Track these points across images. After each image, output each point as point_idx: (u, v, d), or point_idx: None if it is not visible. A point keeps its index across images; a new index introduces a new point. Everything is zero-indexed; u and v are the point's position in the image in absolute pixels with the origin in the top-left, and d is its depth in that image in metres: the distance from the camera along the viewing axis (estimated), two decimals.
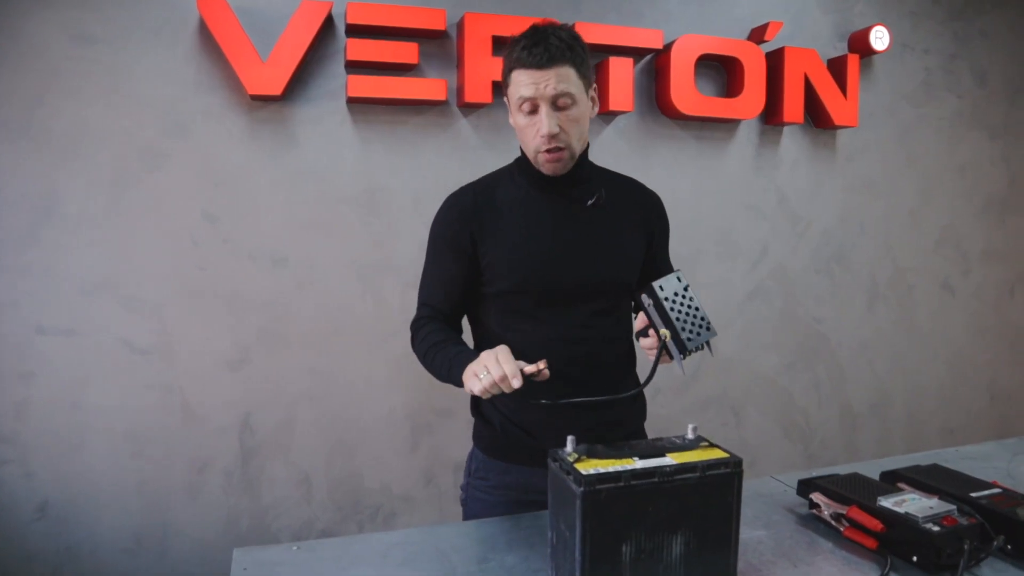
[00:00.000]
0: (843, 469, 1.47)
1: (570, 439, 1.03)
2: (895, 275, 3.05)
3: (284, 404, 2.23)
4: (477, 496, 1.42)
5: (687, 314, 1.23)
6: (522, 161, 1.41)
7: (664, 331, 1.21)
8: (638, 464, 0.99)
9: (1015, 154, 3.24)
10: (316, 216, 2.26)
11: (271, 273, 2.23)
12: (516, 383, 1.15)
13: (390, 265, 2.31)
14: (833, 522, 1.26)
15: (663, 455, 1.03)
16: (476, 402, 1.42)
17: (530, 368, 1.18)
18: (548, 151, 1.32)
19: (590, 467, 0.97)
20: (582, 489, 0.94)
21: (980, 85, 3.13)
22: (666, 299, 1.22)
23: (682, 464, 0.99)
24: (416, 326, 1.42)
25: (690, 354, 1.22)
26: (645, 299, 1.24)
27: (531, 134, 1.32)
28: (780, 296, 2.85)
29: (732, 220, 2.75)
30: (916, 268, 3.09)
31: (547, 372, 1.18)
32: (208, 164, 2.17)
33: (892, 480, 1.39)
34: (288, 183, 2.23)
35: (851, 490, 1.29)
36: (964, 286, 3.20)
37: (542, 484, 1.12)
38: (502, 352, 1.18)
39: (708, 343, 1.24)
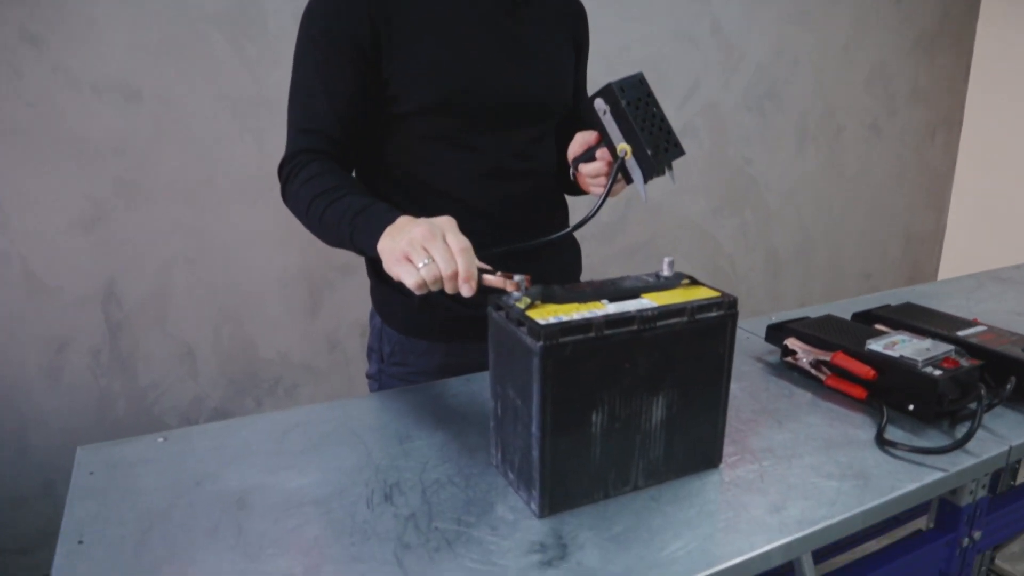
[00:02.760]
0: (801, 313, 1.31)
1: (519, 280, 0.78)
2: (825, 115, 2.88)
3: (154, 269, 1.87)
4: (393, 386, 1.16)
5: (652, 124, 0.97)
6: None
7: (624, 145, 0.96)
8: (610, 309, 0.75)
9: None
10: (173, 38, 1.82)
11: (122, 111, 1.80)
12: (468, 289, 0.80)
13: (271, 99, 1.91)
14: (813, 370, 1.09)
15: (637, 296, 0.79)
16: (376, 262, 0.95)
17: (494, 279, 0.81)
18: None
19: (548, 315, 0.73)
20: (541, 344, 0.69)
21: None
22: (628, 104, 0.95)
23: (666, 307, 0.76)
24: (290, 168, 1.02)
25: (655, 177, 0.97)
26: (600, 105, 0.97)
27: None
28: (709, 135, 2.64)
29: (661, 49, 2.47)
30: (846, 108, 2.93)
31: (522, 283, 0.79)
32: None
33: (866, 321, 1.23)
34: None
35: (829, 334, 1.12)
36: (890, 127, 3.08)
37: (483, 361, 0.88)
38: (451, 230, 0.82)
39: (670, 166, 1.00)
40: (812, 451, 0.90)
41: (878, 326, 1.19)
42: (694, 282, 0.84)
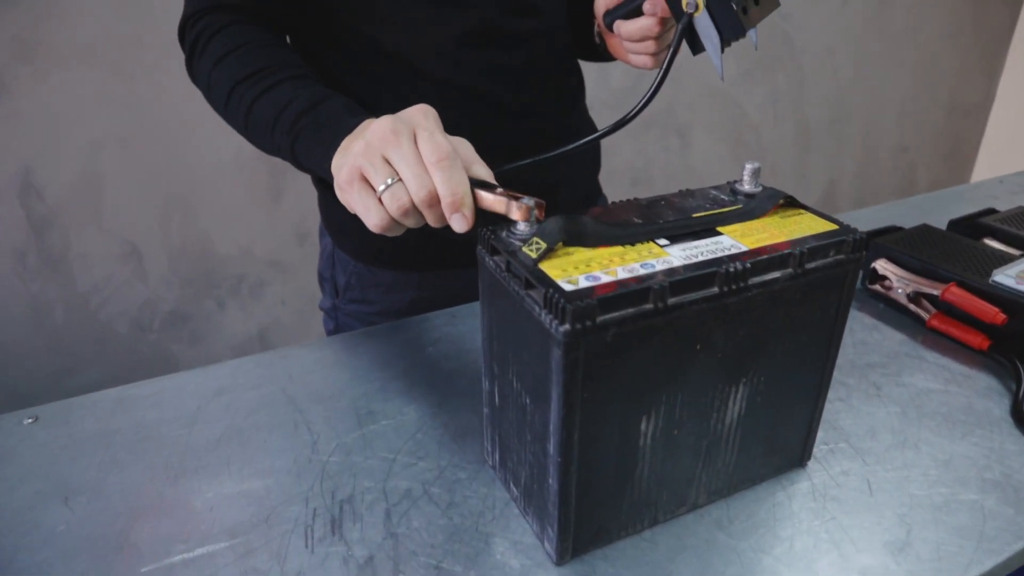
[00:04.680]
0: (868, 214, 1.02)
1: (528, 204, 0.49)
2: None
3: (80, 152, 1.55)
4: (351, 327, 0.89)
5: None
6: None
7: None
8: (674, 256, 0.47)
9: None
10: None
11: None
12: (461, 221, 0.51)
13: None
14: (912, 306, 0.82)
15: (713, 231, 0.51)
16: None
17: (492, 199, 0.50)
18: None
19: (575, 269, 0.45)
20: (567, 328, 0.41)
21: None
22: None
23: (763, 254, 0.48)
24: (196, 34, 0.71)
25: (738, 39, 0.66)
26: None
27: None
28: None
29: None
30: None
31: (533, 212, 0.49)
32: None
33: (970, 233, 0.95)
34: None
35: (935, 256, 0.84)
36: None
37: (467, 293, 0.61)
38: (426, 126, 0.52)
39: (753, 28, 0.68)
40: (929, 436, 0.65)
41: (990, 241, 0.92)
42: (791, 202, 0.56)
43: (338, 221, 0.86)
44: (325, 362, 0.74)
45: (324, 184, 0.84)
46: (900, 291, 0.83)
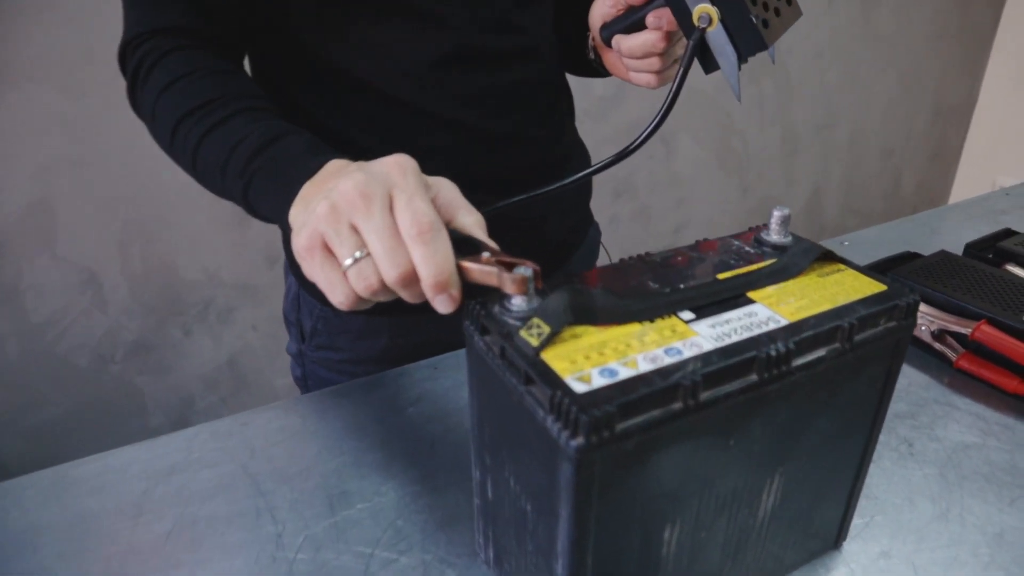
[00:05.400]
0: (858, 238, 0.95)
1: (523, 274, 0.40)
2: None
3: (30, 173, 1.45)
4: (320, 376, 0.80)
5: None
6: None
7: (707, 7, 0.56)
8: (703, 337, 0.39)
9: None
10: None
11: None
12: (446, 302, 0.42)
13: None
14: (937, 344, 0.75)
15: (744, 299, 0.43)
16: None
17: (480, 270, 0.42)
18: None
19: (586, 360, 0.37)
20: (580, 442, 0.34)
21: None
22: None
23: (806, 328, 0.40)
24: (138, 60, 0.62)
25: (757, 53, 0.59)
26: None
27: None
28: None
29: None
30: None
31: (530, 281, 0.40)
32: None
33: (990, 258, 0.89)
34: None
35: (959, 289, 0.77)
36: None
37: (447, 339, 0.53)
38: (404, 185, 0.43)
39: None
40: (974, 505, 0.58)
41: (1012, 268, 0.85)
42: (828, 256, 0.48)
43: None
44: (291, 430, 0.66)
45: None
46: (924, 328, 0.76)
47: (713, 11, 0.56)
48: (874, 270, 0.85)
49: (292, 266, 0.80)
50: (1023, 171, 2.77)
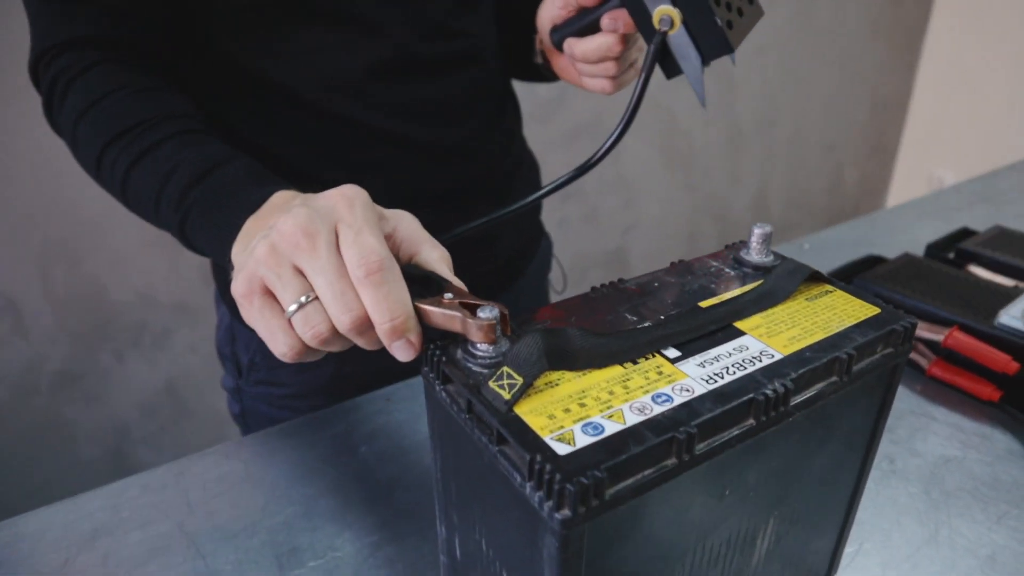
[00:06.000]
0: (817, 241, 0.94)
1: (489, 317, 0.36)
2: None
3: None
4: (261, 412, 0.74)
5: None
6: None
7: (668, 8, 0.53)
8: (692, 375, 0.35)
9: None
10: None
11: None
12: (405, 349, 0.37)
13: None
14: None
15: (732, 330, 0.39)
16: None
17: (440, 315, 0.37)
18: None
19: (565, 415, 0.32)
20: (565, 515, 0.29)
21: None
22: None
23: (803, 364, 0.36)
24: (52, 77, 0.56)
25: (721, 56, 0.56)
26: None
27: None
28: None
29: None
30: None
31: (497, 324, 0.35)
32: None
33: (952, 259, 0.88)
34: None
35: (930, 294, 0.76)
36: None
37: (399, 365, 0.48)
38: (351, 221, 0.37)
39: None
40: (962, 525, 0.55)
41: (975, 268, 0.84)
42: (816, 276, 0.45)
43: None
44: (232, 478, 0.60)
45: None
46: None
47: (675, 13, 0.52)
48: (839, 277, 0.84)
49: (224, 295, 0.74)
50: (959, 164, 2.84)
